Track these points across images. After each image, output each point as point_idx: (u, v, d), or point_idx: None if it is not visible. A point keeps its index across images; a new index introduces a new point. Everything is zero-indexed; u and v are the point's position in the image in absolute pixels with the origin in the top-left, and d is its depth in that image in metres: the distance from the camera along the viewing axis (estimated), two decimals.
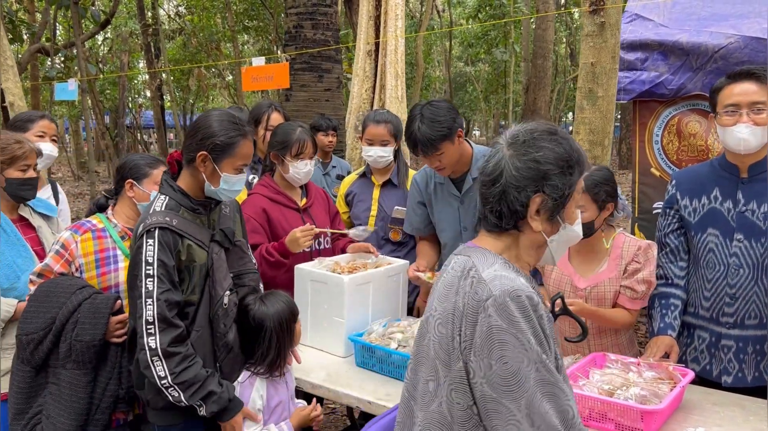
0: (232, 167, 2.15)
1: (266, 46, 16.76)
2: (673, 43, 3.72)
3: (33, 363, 2.28)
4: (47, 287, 2.34)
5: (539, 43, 12.42)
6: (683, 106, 3.89)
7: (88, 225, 2.51)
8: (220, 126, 2.13)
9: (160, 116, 16.27)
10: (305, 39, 6.08)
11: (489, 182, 1.44)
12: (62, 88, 6.71)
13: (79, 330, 2.27)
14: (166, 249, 2.04)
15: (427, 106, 2.69)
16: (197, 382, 2.04)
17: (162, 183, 2.20)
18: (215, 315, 2.14)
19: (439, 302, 1.44)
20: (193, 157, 2.14)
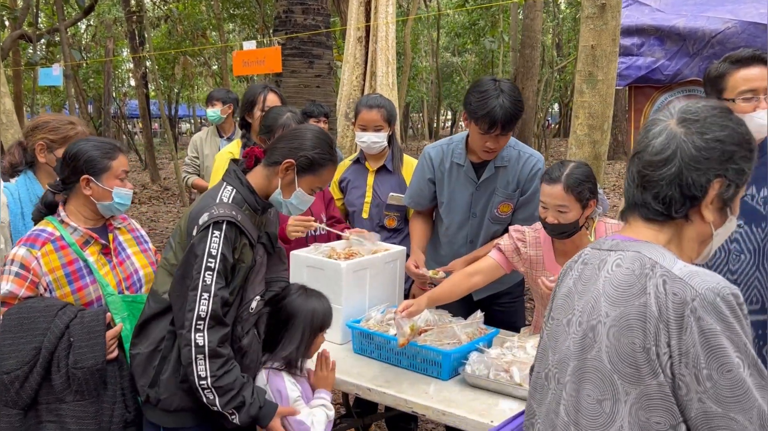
0: (309, 186, 2.10)
1: (252, 35, 16.58)
2: (670, 28, 3.69)
3: (20, 404, 1.97)
4: (18, 314, 2.00)
5: (527, 32, 12.37)
6: (679, 91, 3.87)
7: (45, 236, 2.13)
8: (317, 143, 2.07)
9: (145, 105, 16.04)
10: (295, 24, 5.99)
11: (658, 163, 1.25)
12: (46, 73, 6.57)
13: (76, 356, 1.98)
14: (230, 245, 1.94)
15: (502, 82, 2.58)
16: (234, 389, 1.93)
17: (230, 172, 2.09)
18: (239, 318, 2.04)
19: (612, 306, 1.22)
20: (278, 161, 2.06)
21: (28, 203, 2.50)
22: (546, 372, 1.37)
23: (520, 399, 2.13)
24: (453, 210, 2.89)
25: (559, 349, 1.33)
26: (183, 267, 1.94)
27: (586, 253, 1.37)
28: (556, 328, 1.35)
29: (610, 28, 2.95)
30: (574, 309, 1.31)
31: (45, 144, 2.53)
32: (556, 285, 1.44)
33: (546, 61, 18.87)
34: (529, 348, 2.32)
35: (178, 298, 1.94)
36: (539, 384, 1.40)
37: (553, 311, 1.39)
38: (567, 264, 1.43)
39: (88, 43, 17.09)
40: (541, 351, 1.41)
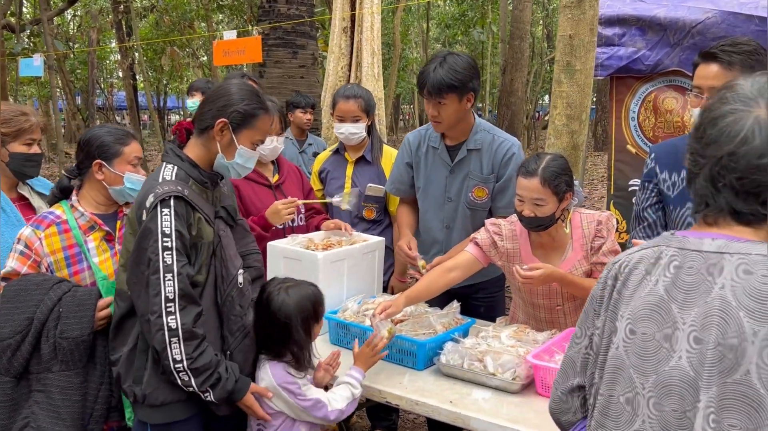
0: (249, 140, 2.03)
1: (241, 25, 16.47)
2: (651, 18, 3.68)
3: (12, 372, 2.03)
4: (17, 286, 2.08)
5: (516, 23, 12.35)
6: (660, 82, 3.87)
7: (51, 218, 2.20)
8: (243, 95, 2.00)
9: (132, 97, 15.92)
10: (279, 14, 5.94)
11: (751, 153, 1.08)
12: (27, 63, 6.50)
13: (63, 326, 2.04)
14: (182, 221, 1.88)
15: (452, 55, 2.63)
16: (210, 368, 1.90)
17: (167, 152, 2.03)
18: (228, 297, 1.99)
19: (760, 322, 1.03)
20: (210, 125, 1.98)
21: None
22: (629, 396, 1.17)
23: (493, 388, 2.14)
24: (429, 194, 2.89)
25: (659, 370, 1.13)
26: (137, 253, 1.88)
27: (673, 254, 1.17)
28: (644, 344, 1.15)
29: (587, 17, 2.94)
30: (676, 322, 1.12)
31: None
32: (613, 290, 1.25)
33: (536, 53, 18.86)
34: (504, 338, 2.32)
35: (137, 285, 1.89)
36: (614, 410, 1.19)
37: (633, 323, 1.18)
38: (628, 265, 1.23)
39: (74, 33, 16.91)
40: (612, 370, 1.20)
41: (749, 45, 2.15)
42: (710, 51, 2.17)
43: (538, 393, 2.11)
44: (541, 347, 2.20)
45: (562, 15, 3.02)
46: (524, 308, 2.64)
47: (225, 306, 1.99)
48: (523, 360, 2.13)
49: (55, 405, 2.03)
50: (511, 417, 1.98)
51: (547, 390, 2.09)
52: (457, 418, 2.02)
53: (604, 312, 1.26)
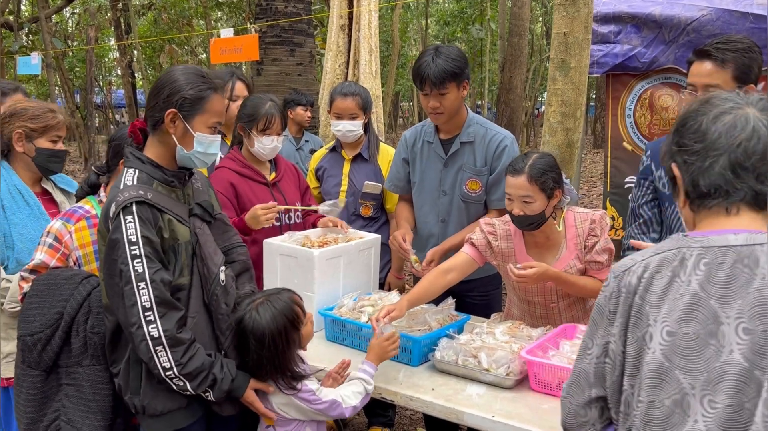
0: (204, 125, 1.93)
1: (239, 23, 16.46)
2: (646, 16, 3.70)
3: (42, 366, 2.04)
4: (46, 281, 2.10)
5: (515, 21, 12.35)
6: (656, 79, 3.88)
7: (81, 212, 2.24)
8: (187, 79, 1.90)
9: (131, 94, 15.91)
10: (276, 11, 5.95)
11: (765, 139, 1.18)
12: (25, 61, 6.51)
13: (93, 321, 2.04)
14: (148, 225, 1.81)
15: (441, 47, 2.68)
16: (203, 371, 1.87)
17: (127, 156, 1.95)
18: (213, 296, 1.94)
19: None
20: (160, 119, 1.89)
21: (8, 196, 2.41)
22: (676, 398, 1.17)
23: (487, 384, 2.15)
24: (424, 188, 2.92)
25: (709, 367, 1.13)
26: (108, 265, 1.83)
27: (699, 253, 1.19)
28: (688, 343, 1.16)
29: (582, 15, 2.95)
30: (718, 317, 1.14)
31: (23, 132, 2.43)
32: (634, 295, 1.25)
33: (535, 50, 18.85)
34: (498, 334, 2.33)
35: (114, 298, 1.84)
36: (659, 415, 1.18)
37: (671, 325, 1.18)
38: (646, 270, 1.24)
39: (72, 31, 16.90)
40: (651, 375, 1.19)
41: (743, 42, 2.16)
42: (704, 49, 2.18)
43: (532, 389, 2.13)
44: (535, 343, 2.22)
45: (556, 13, 3.03)
46: (519, 305, 2.66)
47: (212, 306, 1.96)
48: (517, 356, 2.15)
49: (86, 399, 2.04)
50: (505, 412, 1.99)
51: (541, 386, 2.11)
52: (451, 413, 2.03)
53: (620, 320, 1.26)
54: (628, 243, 2.53)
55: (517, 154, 2.78)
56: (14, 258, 2.38)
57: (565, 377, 2.05)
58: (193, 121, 1.91)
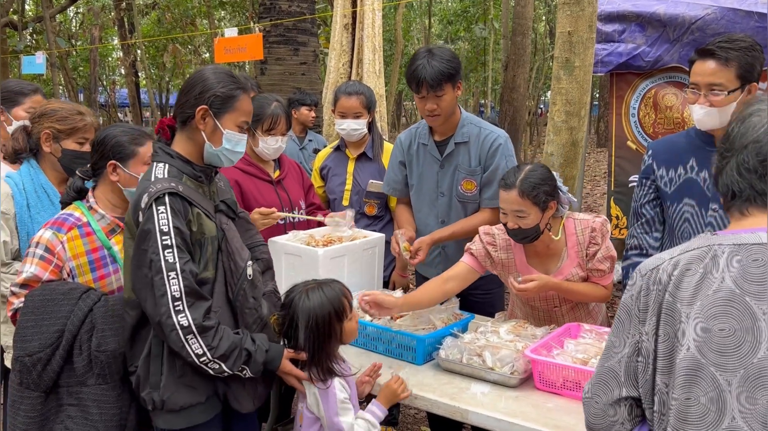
0: (233, 123, 1.95)
1: (242, 22, 16.48)
2: (651, 15, 3.70)
3: (42, 387, 1.95)
4: (41, 296, 1.99)
5: (518, 20, 12.32)
6: (660, 78, 3.88)
7: (72, 221, 2.13)
8: (218, 78, 1.94)
9: (135, 94, 15.97)
10: (280, 11, 5.95)
11: None
12: (29, 61, 6.53)
13: (99, 339, 1.96)
14: (180, 217, 1.82)
15: (433, 48, 2.68)
16: (236, 349, 1.87)
17: (156, 151, 1.96)
18: (240, 291, 1.95)
19: None
20: (191, 115, 1.92)
21: (33, 194, 2.43)
22: (712, 395, 1.16)
23: (492, 382, 2.16)
24: (422, 190, 2.92)
25: (746, 363, 1.14)
26: (137, 256, 1.82)
27: (731, 250, 1.20)
28: (724, 340, 1.16)
29: (586, 14, 2.95)
30: (754, 313, 1.14)
31: (51, 133, 2.43)
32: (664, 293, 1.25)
33: (538, 49, 18.82)
34: (503, 332, 2.34)
35: (143, 289, 1.83)
36: (695, 413, 1.18)
37: (706, 321, 1.18)
38: (676, 267, 1.24)
39: (76, 31, 16.94)
40: (686, 373, 1.19)
41: (745, 41, 2.16)
42: (707, 48, 2.19)
43: (536, 388, 2.13)
44: (539, 342, 2.22)
45: (560, 11, 3.03)
46: (522, 308, 2.66)
47: (238, 301, 1.95)
48: (522, 355, 2.15)
49: (92, 420, 1.96)
50: (509, 410, 2.00)
51: (545, 385, 2.11)
52: (455, 412, 2.04)
53: (652, 318, 1.26)
54: (631, 243, 2.53)
55: (510, 152, 2.80)
56: None
57: (569, 376, 2.06)
58: (223, 119, 1.94)
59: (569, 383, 2.06)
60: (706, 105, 2.19)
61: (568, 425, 1.90)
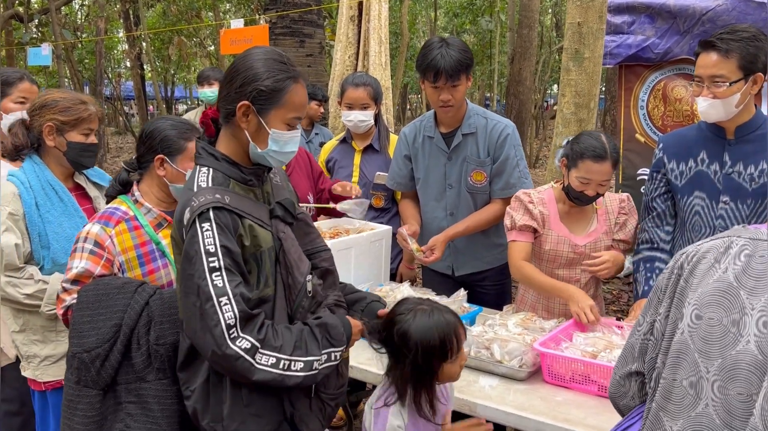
0: (281, 120, 1.67)
1: (248, 14, 16.44)
2: (661, 6, 3.66)
3: (100, 384, 1.85)
4: (95, 291, 1.90)
5: (525, 12, 12.26)
6: (670, 70, 3.85)
7: (119, 214, 2.05)
8: (266, 67, 1.65)
9: (140, 86, 15.96)
10: (286, 2, 5.93)
11: None
12: (35, 53, 6.53)
13: (158, 332, 1.86)
14: (228, 233, 1.57)
15: (448, 39, 2.68)
16: (299, 334, 1.64)
17: (199, 152, 1.72)
18: (299, 308, 1.72)
19: None
20: (232, 111, 1.66)
21: (41, 192, 2.30)
22: (692, 379, 1.20)
23: (500, 376, 2.15)
24: (430, 183, 2.90)
25: (724, 354, 1.15)
26: (184, 282, 1.60)
27: (744, 244, 1.20)
28: (710, 328, 1.18)
29: (596, 4, 2.92)
30: (744, 307, 1.15)
31: (54, 126, 2.29)
32: (680, 278, 1.26)
33: (544, 42, 18.73)
34: (511, 325, 2.32)
35: (192, 319, 1.59)
36: (677, 394, 1.22)
37: (700, 309, 1.20)
38: (696, 254, 1.26)
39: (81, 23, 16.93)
40: (676, 355, 1.23)
41: (748, 32, 2.15)
42: (709, 39, 2.19)
43: (545, 381, 2.12)
44: (548, 335, 2.21)
45: (570, 2, 3.00)
46: (532, 293, 2.65)
47: (296, 318, 1.73)
48: (530, 348, 2.14)
49: (153, 417, 1.85)
50: (518, 404, 1.99)
51: (554, 378, 2.10)
52: (463, 405, 2.03)
53: (667, 300, 1.29)
54: (642, 237, 2.52)
55: (518, 141, 2.81)
56: (50, 258, 2.29)
57: (577, 369, 2.05)
58: (269, 116, 1.67)
59: (578, 376, 2.05)
60: (710, 97, 2.19)
61: (577, 418, 1.90)
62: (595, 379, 2.02)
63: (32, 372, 2.35)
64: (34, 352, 2.34)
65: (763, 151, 2.25)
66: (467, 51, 2.65)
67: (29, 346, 2.34)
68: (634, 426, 1.39)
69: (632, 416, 1.43)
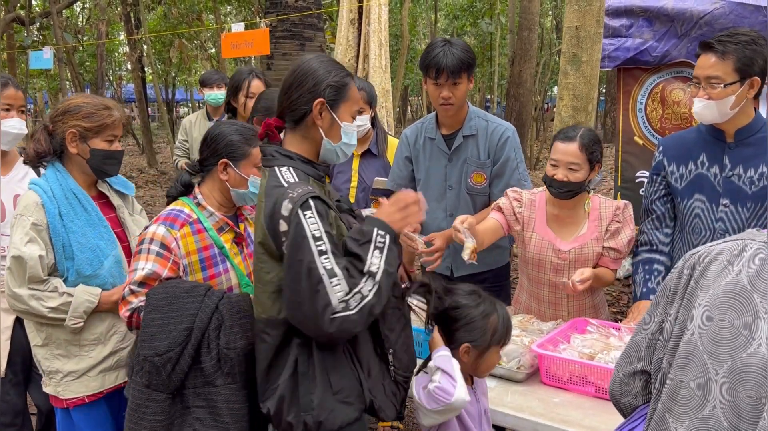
0: (348, 113, 1.82)
1: (248, 17, 16.47)
2: (659, 9, 3.68)
3: (171, 388, 1.83)
4: (164, 294, 1.88)
5: (525, 14, 12.28)
6: (668, 73, 3.86)
7: (184, 217, 2.02)
8: (327, 67, 1.79)
9: (141, 89, 15.98)
10: (286, 6, 5.96)
11: None
12: (37, 56, 6.56)
13: (228, 336, 1.85)
14: (325, 221, 1.67)
15: (450, 39, 2.71)
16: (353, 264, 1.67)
17: (272, 155, 1.80)
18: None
19: None
20: (306, 112, 1.77)
21: (64, 201, 2.22)
22: (700, 381, 1.19)
23: (498, 377, 2.16)
24: (430, 184, 2.92)
25: (734, 357, 1.15)
26: (293, 270, 1.64)
27: (759, 248, 1.20)
28: (721, 330, 1.17)
29: (594, 9, 2.94)
30: (757, 311, 1.15)
31: (77, 132, 2.21)
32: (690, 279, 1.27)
33: (544, 44, 18.75)
34: None
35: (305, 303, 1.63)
36: (683, 395, 1.21)
37: (711, 310, 1.20)
38: (708, 256, 1.26)
39: (83, 26, 16.98)
40: (684, 356, 1.23)
41: (747, 35, 2.17)
42: (708, 41, 2.22)
43: (543, 382, 2.14)
44: (545, 337, 2.22)
45: (568, 6, 3.02)
46: (528, 288, 2.66)
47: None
48: (528, 350, 2.15)
49: (223, 422, 1.84)
50: (516, 405, 2.00)
51: (552, 379, 2.12)
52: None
53: (678, 300, 1.29)
54: (641, 239, 2.53)
55: (518, 144, 2.83)
56: (74, 270, 2.21)
57: (575, 371, 2.06)
58: (339, 111, 1.81)
59: (576, 378, 2.06)
60: (705, 98, 2.21)
61: (575, 419, 1.91)
62: (593, 381, 2.03)
63: (54, 389, 2.27)
64: (56, 367, 2.25)
65: (763, 154, 2.26)
66: (470, 51, 2.68)
67: (51, 361, 2.26)
68: (637, 428, 1.39)
69: (634, 418, 1.43)
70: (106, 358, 2.28)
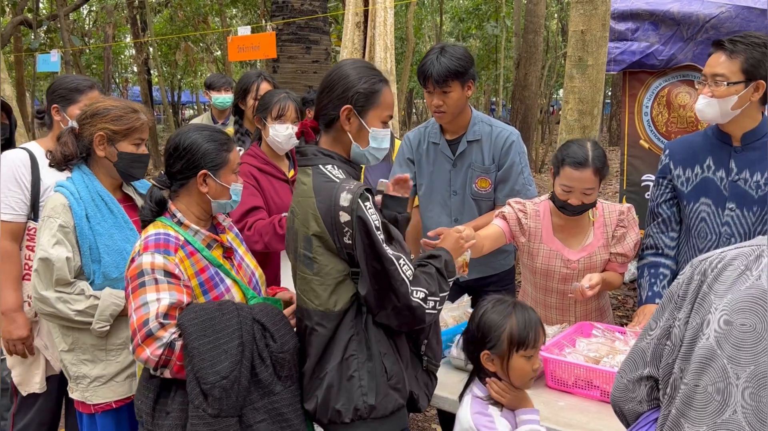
0: (378, 119, 1.88)
1: (254, 20, 16.52)
2: (664, 13, 3.68)
3: (239, 409, 1.77)
4: (199, 317, 1.78)
5: (530, 17, 12.29)
6: (673, 77, 3.86)
7: (174, 241, 1.88)
8: (359, 73, 1.85)
9: (147, 91, 16.05)
10: (292, 9, 5.98)
11: None
12: (44, 59, 6.60)
13: (281, 340, 1.83)
14: (379, 212, 1.80)
15: (446, 46, 2.70)
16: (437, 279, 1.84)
17: (313, 154, 1.86)
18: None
19: None
20: (335, 116, 1.84)
21: (91, 203, 2.21)
22: (719, 386, 1.18)
23: None
24: (434, 189, 2.92)
25: (758, 361, 1.14)
26: (368, 252, 1.73)
27: None
28: (743, 335, 1.16)
29: (600, 12, 2.94)
30: None
31: (105, 135, 2.21)
32: (702, 284, 1.27)
33: (550, 47, 18.74)
34: None
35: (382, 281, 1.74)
36: (700, 400, 1.21)
37: (730, 315, 1.19)
38: (721, 261, 1.26)
39: (89, 28, 17.07)
40: (700, 360, 1.22)
41: (759, 38, 2.17)
42: (720, 40, 2.24)
43: (548, 386, 2.14)
44: (551, 340, 2.22)
45: (573, 10, 3.02)
46: (534, 295, 2.66)
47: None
48: None
49: (291, 425, 1.84)
50: None
51: (557, 383, 2.12)
52: None
53: (687, 306, 1.28)
54: (647, 242, 2.53)
55: (522, 148, 2.82)
56: (101, 273, 2.20)
57: (581, 375, 2.06)
58: (368, 116, 1.87)
59: (581, 382, 2.06)
60: (708, 95, 2.21)
61: (580, 423, 1.91)
62: (598, 384, 2.03)
63: (81, 394, 2.25)
64: (83, 373, 2.23)
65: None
66: (462, 59, 2.63)
67: (78, 366, 2.24)
68: None
69: (640, 425, 1.42)
70: (132, 363, 2.25)
